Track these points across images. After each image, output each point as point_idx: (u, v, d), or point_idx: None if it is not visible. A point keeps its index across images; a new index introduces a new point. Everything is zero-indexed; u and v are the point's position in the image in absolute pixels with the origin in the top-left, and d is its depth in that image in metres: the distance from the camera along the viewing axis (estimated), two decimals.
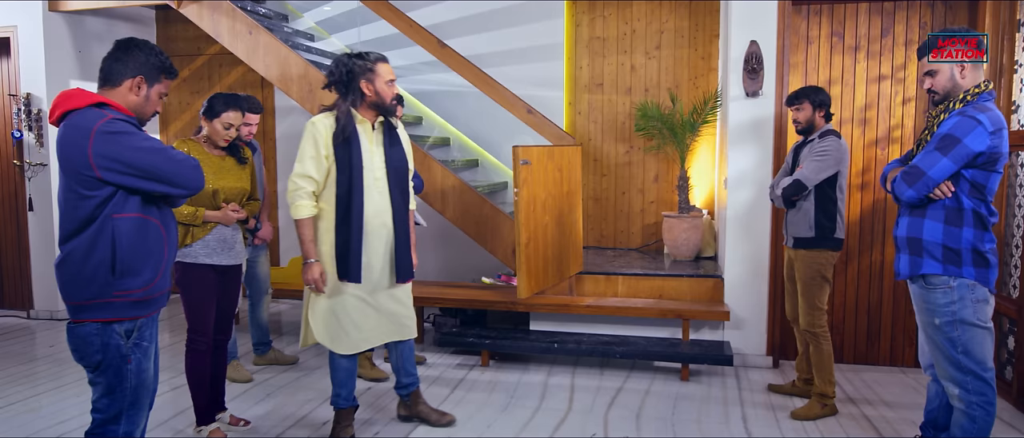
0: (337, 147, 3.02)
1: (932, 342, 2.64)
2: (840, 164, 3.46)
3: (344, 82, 3.06)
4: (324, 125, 3.02)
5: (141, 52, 2.22)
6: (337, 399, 3.27)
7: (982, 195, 2.53)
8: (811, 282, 3.54)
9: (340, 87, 3.09)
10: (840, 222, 3.51)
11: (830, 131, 3.53)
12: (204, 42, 6.39)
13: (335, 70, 3.06)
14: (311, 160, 3.01)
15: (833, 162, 3.43)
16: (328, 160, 3.02)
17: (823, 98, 3.57)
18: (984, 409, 2.54)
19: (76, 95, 2.13)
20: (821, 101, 3.57)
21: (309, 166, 3.00)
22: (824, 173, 3.43)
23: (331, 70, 3.08)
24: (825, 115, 3.58)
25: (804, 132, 3.63)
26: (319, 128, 3.01)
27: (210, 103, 3.20)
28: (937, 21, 4.25)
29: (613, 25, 5.67)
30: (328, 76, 3.09)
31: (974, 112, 2.47)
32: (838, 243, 3.52)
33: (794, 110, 3.63)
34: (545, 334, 4.56)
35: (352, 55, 3.09)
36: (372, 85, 3.05)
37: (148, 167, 2.10)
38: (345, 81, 3.06)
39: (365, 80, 3.05)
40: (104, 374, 2.18)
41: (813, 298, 3.55)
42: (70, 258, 2.13)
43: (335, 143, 3.01)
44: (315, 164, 3.00)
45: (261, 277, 4.37)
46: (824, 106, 3.57)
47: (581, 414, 3.66)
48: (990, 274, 2.54)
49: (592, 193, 5.77)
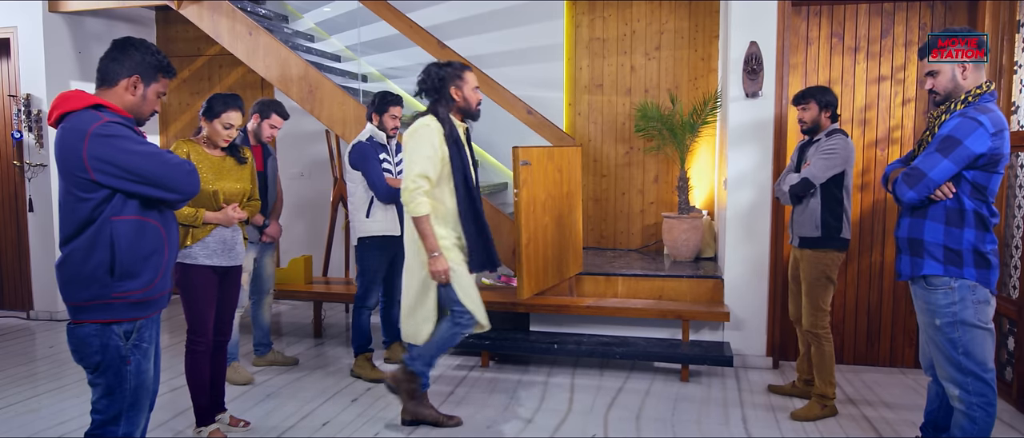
0: (450, 148, 3.22)
1: (933, 343, 2.64)
2: (847, 163, 3.46)
3: (436, 88, 3.26)
4: (437, 128, 3.21)
5: (137, 51, 2.22)
6: (427, 367, 3.38)
7: (983, 196, 2.53)
8: (816, 282, 3.54)
9: (432, 93, 3.29)
10: (846, 222, 3.51)
11: (837, 130, 3.53)
12: (204, 43, 6.39)
13: (427, 78, 3.28)
14: (428, 160, 3.17)
15: (840, 160, 3.43)
16: (442, 161, 3.19)
17: (830, 99, 3.56)
18: (984, 410, 2.54)
19: (73, 97, 2.13)
20: (828, 101, 3.56)
21: (426, 166, 3.17)
22: (831, 171, 3.44)
23: (423, 78, 3.29)
24: (831, 116, 3.58)
25: (809, 132, 3.63)
26: (434, 130, 3.19)
27: (209, 103, 3.20)
28: (937, 22, 4.26)
29: (613, 26, 5.67)
30: (420, 84, 3.30)
31: (975, 113, 2.46)
32: (844, 243, 3.52)
33: (800, 109, 3.63)
34: (545, 335, 4.56)
35: (441, 64, 3.30)
36: (461, 91, 3.29)
37: (142, 171, 2.10)
38: (437, 88, 3.26)
39: (454, 86, 3.27)
40: (103, 375, 2.18)
41: (817, 299, 3.55)
42: (70, 259, 2.13)
43: (448, 144, 3.22)
44: (432, 164, 3.18)
45: (266, 277, 4.38)
46: (830, 107, 3.56)
47: (581, 415, 3.66)
48: (991, 275, 2.54)
49: (592, 194, 5.77)
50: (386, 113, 4.11)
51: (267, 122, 4.13)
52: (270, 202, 4.23)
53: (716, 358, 4.13)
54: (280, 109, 4.17)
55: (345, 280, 5.49)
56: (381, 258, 4.18)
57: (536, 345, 4.40)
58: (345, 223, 5.72)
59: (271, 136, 4.17)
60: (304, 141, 6.25)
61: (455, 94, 3.29)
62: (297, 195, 6.21)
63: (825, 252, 3.52)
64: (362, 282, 4.19)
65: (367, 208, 4.09)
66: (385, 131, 4.12)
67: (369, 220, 4.10)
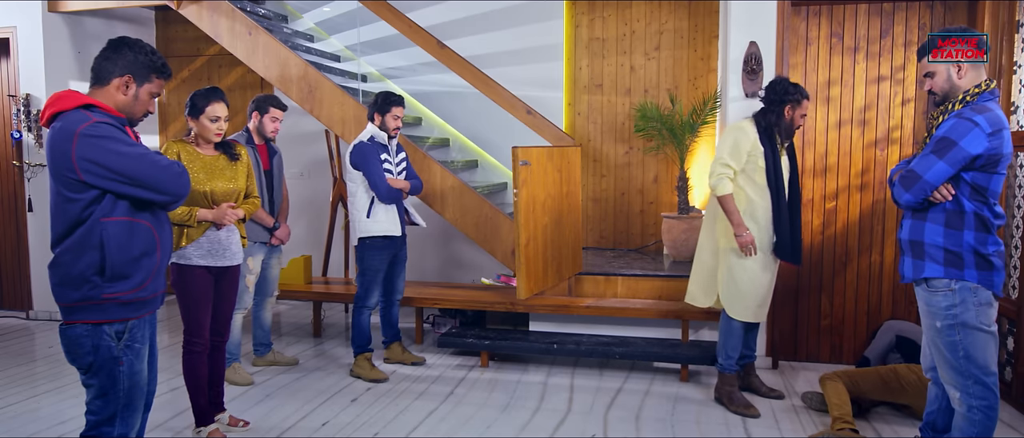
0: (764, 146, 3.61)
1: (934, 345, 2.62)
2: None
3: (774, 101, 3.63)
4: (751, 129, 3.64)
5: (131, 51, 2.21)
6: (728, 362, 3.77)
7: (984, 197, 2.50)
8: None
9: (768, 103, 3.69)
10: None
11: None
12: (203, 43, 6.38)
13: (770, 92, 3.64)
14: (731, 153, 3.61)
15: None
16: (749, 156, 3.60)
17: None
18: (985, 413, 2.52)
19: (65, 96, 2.13)
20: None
21: (729, 158, 3.61)
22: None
23: (767, 90, 3.67)
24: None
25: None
26: (747, 131, 3.62)
27: (191, 101, 3.18)
28: (936, 22, 4.25)
29: (612, 26, 5.67)
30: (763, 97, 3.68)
31: (971, 113, 2.44)
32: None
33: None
34: (544, 335, 4.56)
35: (789, 83, 3.63)
36: (792, 112, 3.63)
37: (130, 172, 2.09)
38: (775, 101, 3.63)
39: (789, 106, 3.61)
40: (96, 376, 2.18)
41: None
42: (60, 260, 2.13)
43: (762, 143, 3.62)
44: (735, 157, 3.60)
45: (271, 279, 4.37)
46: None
47: (581, 415, 3.66)
48: (994, 277, 2.51)
49: (591, 194, 5.77)
50: (388, 113, 4.10)
51: (267, 117, 4.13)
52: (277, 202, 4.21)
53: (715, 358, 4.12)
54: (276, 101, 4.16)
55: (345, 280, 5.49)
56: (382, 258, 4.17)
57: (536, 345, 4.40)
58: (345, 223, 5.72)
59: (274, 130, 4.16)
60: (304, 141, 6.25)
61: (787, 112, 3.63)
62: (297, 195, 6.20)
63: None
64: (362, 282, 4.18)
65: (368, 208, 4.09)
66: (387, 131, 4.12)
67: (370, 220, 4.10)
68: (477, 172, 5.81)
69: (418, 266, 5.95)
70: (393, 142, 4.20)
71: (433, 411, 3.71)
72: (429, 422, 3.56)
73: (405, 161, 4.31)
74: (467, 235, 4.75)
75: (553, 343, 4.38)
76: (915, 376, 3.48)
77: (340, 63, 6.08)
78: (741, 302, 3.68)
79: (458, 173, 5.14)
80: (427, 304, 4.85)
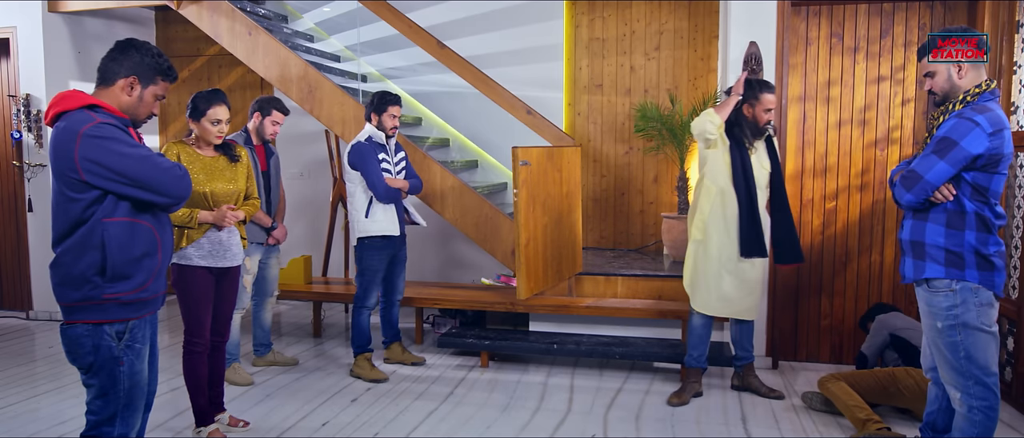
0: (730, 143, 3.66)
1: (935, 345, 2.62)
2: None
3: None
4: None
5: (137, 53, 2.22)
6: (689, 358, 3.89)
7: (985, 197, 2.50)
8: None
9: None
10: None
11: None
12: (203, 43, 6.38)
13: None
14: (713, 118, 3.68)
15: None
16: (721, 141, 3.66)
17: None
18: (986, 414, 2.52)
19: (70, 96, 2.13)
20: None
21: (714, 115, 3.68)
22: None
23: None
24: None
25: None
26: (716, 121, 3.66)
27: (193, 103, 3.19)
28: (936, 22, 4.25)
29: (612, 26, 5.67)
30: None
31: (971, 113, 2.44)
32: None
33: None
34: (544, 335, 4.56)
35: (747, 81, 3.69)
36: (753, 110, 3.66)
37: (132, 174, 2.10)
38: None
39: (747, 105, 3.67)
40: (97, 376, 2.18)
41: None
42: (61, 260, 2.14)
43: (728, 138, 3.67)
44: (713, 121, 3.64)
45: (270, 279, 4.37)
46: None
47: (581, 415, 3.66)
48: (996, 277, 2.50)
49: (591, 194, 5.77)
50: (385, 113, 4.10)
51: (268, 119, 4.13)
52: (274, 203, 4.22)
53: (715, 358, 4.13)
54: (280, 105, 4.17)
55: (345, 280, 5.49)
56: (380, 258, 4.17)
57: (535, 345, 4.40)
58: (344, 223, 5.72)
59: (274, 133, 4.17)
60: (303, 141, 6.25)
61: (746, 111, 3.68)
62: (297, 195, 6.21)
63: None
64: (362, 282, 4.18)
65: (366, 208, 4.09)
66: (384, 131, 4.12)
67: (368, 220, 4.10)
68: (477, 172, 5.81)
69: (418, 266, 5.95)
70: (391, 142, 4.20)
71: (433, 411, 3.71)
72: (429, 422, 3.56)
73: (404, 160, 4.31)
74: (467, 235, 4.75)
75: (553, 343, 4.38)
76: (912, 381, 3.46)
77: (340, 63, 6.08)
78: (702, 294, 3.75)
79: (458, 173, 5.14)
80: (427, 304, 4.85)
